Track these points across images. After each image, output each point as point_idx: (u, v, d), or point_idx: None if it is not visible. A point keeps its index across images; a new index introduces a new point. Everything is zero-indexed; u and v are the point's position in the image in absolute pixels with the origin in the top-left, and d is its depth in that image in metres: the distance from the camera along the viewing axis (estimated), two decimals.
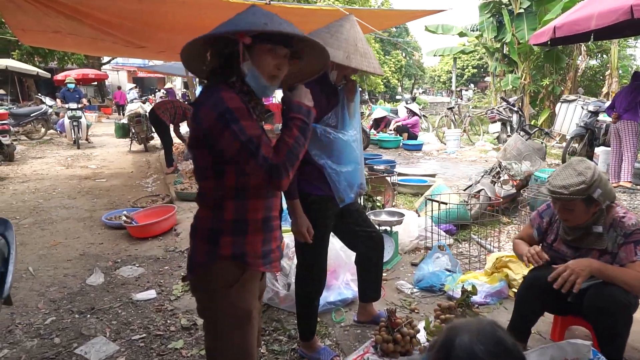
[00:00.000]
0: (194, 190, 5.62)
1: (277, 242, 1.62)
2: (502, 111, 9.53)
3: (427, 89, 64.43)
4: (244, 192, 1.48)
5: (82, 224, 5.11)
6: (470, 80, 55.50)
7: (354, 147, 2.20)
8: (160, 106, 7.49)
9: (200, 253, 1.52)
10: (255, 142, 1.36)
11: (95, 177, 7.79)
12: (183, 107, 7.70)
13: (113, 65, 35.59)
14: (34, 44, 6.88)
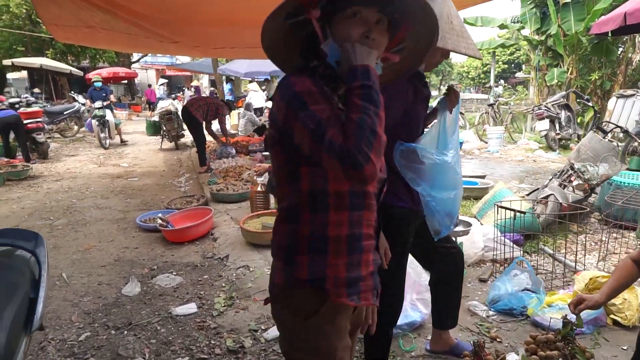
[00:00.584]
0: (230, 192, 5.34)
1: (369, 268, 1.27)
2: (551, 107, 8.94)
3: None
4: (322, 201, 1.16)
5: (116, 225, 4.89)
6: (500, 76, 54.15)
7: (456, 170, 1.84)
8: (193, 103, 7.26)
9: (279, 273, 1.23)
10: (323, 125, 1.04)
11: (128, 175, 7.63)
12: (216, 104, 7.45)
13: (142, 63, 36.09)
14: (67, 41, 6.74)
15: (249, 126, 10.67)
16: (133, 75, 24.40)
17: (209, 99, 7.64)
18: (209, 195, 5.65)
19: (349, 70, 1.09)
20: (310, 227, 1.17)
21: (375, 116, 1.04)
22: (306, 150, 1.08)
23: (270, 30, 1.20)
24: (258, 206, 4.69)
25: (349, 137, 1.02)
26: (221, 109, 7.48)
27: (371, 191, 1.24)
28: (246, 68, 15.66)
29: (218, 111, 7.41)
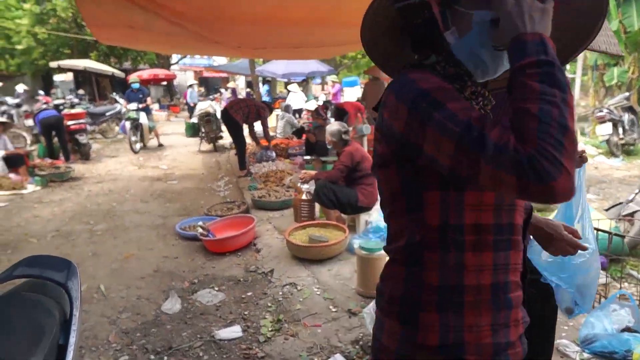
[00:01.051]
0: (272, 199, 5.08)
1: (519, 329, 0.94)
2: (613, 110, 8.26)
3: None
4: (456, 238, 0.87)
5: (155, 232, 4.72)
6: None
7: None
8: (233, 105, 7.07)
9: (389, 335, 0.94)
10: (475, 127, 0.75)
11: (167, 178, 7.53)
12: (257, 106, 7.25)
13: (181, 65, 36.70)
14: (108, 42, 6.69)
15: (287, 128, 10.45)
16: (172, 76, 24.74)
17: (249, 101, 7.44)
18: (249, 201, 5.42)
19: (514, 43, 0.77)
20: (440, 273, 0.88)
21: (563, 105, 0.70)
22: (445, 163, 0.78)
23: (373, 16, 0.91)
24: (303, 215, 4.40)
25: (528, 137, 0.70)
26: (262, 111, 7.27)
27: (519, 224, 0.93)
28: (284, 69, 15.51)
29: (260, 113, 7.21)
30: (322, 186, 3.97)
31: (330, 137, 4.14)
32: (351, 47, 7.40)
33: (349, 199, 4.03)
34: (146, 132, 10.16)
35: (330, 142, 4.18)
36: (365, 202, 4.09)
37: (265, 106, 7.48)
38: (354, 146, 4.11)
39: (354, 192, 4.07)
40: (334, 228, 3.93)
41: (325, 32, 5.09)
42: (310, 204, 4.39)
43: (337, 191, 4.01)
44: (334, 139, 4.13)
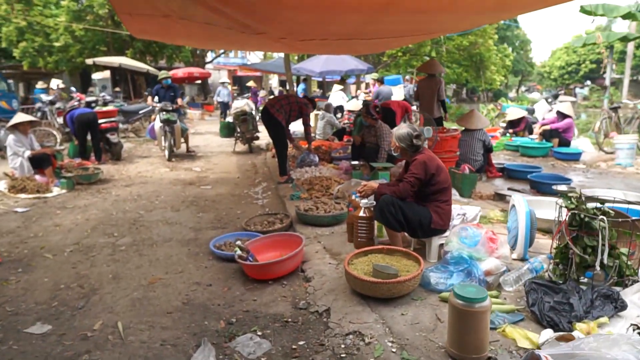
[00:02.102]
0: (320, 212, 4.35)
1: None
2: None
3: (530, 86, 59.09)
4: None
5: (187, 249, 4.08)
6: (587, 76, 49.57)
7: None
8: (274, 103, 6.36)
9: None
10: None
11: (200, 182, 6.94)
12: (299, 103, 6.53)
13: (215, 64, 36.74)
14: (142, 35, 6.12)
15: (327, 129, 9.74)
16: (207, 75, 24.46)
17: (291, 98, 6.71)
18: (293, 213, 4.71)
19: None
20: None
21: None
22: None
23: None
24: (360, 236, 3.65)
25: None
26: (305, 108, 6.54)
27: None
28: (321, 67, 14.82)
29: (302, 110, 6.49)
30: (387, 203, 3.22)
31: (398, 142, 3.38)
32: (410, 40, 6.62)
33: (421, 219, 3.27)
34: (178, 135, 8.95)
35: (398, 149, 3.42)
36: (439, 224, 3.32)
37: (308, 102, 6.73)
38: (427, 154, 3.33)
39: (426, 211, 3.30)
40: (402, 256, 3.17)
41: (385, 21, 4.35)
42: (370, 222, 3.63)
43: (406, 209, 3.25)
44: (402, 145, 3.37)
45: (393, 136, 3.43)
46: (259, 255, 3.69)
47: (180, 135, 9.04)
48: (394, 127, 3.61)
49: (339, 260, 3.51)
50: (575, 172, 7.25)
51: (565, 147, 8.67)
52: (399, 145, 3.39)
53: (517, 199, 3.45)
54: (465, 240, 3.09)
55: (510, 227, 3.52)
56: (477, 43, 16.35)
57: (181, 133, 9.08)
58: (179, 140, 9.02)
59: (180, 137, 9.06)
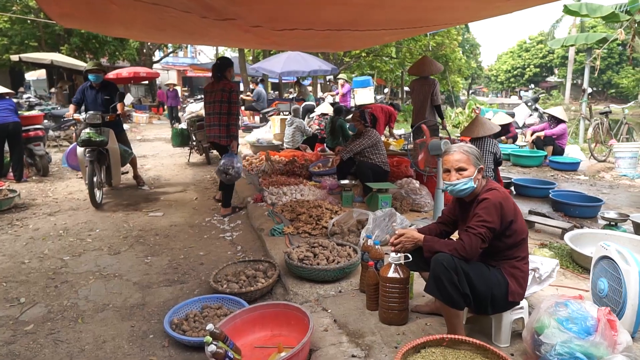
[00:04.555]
0: (321, 264, 3.12)
1: None
2: None
3: (477, 89, 60.72)
4: None
5: (129, 327, 2.76)
6: (532, 80, 51.40)
7: None
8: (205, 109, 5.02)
9: None
10: None
11: (148, 206, 5.54)
12: (226, 90, 4.82)
13: (163, 64, 34.54)
14: (65, 20, 4.62)
15: (297, 136, 8.54)
16: (154, 75, 22.51)
17: (215, 86, 4.95)
18: (278, 258, 3.49)
19: None
20: None
21: None
22: None
23: None
24: (390, 307, 2.50)
25: None
26: (235, 95, 4.83)
27: None
28: (282, 67, 13.64)
29: (231, 98, 4.80)
30: (448, 268, 2.08)
31: (466, 164, 2.23)
32: (406, 33, 5.56)
33: (493, 289, 2.16)
34: (116, 165, 5.66)
35: (463, 176, 2.25)
36: (518, 293, 2.23)
37: (236, 88, 4.99)
38: (501, 192, 2.22)
39: (499, 275, 2.19)
40: (474, 351, 2.04)
41: (389, 5, 3.28)
42: (405, 286, 2.49)
43: (474, 276, 2.13)
44: (472, 170, 2.23)
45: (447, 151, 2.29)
46: (241, 337, 2.46)
47: (120, 164, 5.81)
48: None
49: (363, 347, 2.34)
50: (582, 185, 6.48)
51: (559, 155, 7.95)
52: (466, 175, 2.24)
53: (615, 250, 2.42)
54: (570, 326, 2.01)
55: (602, 290, 2.48)
56: (444, 44, 15.69)
57: (122, 160, 5.85)
58: (117, 172, 5.75)
59: (120, 166, 5.82)
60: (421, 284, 2.82)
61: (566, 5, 9.48)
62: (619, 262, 2.36)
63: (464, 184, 2.21)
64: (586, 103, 10.56)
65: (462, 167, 2.23)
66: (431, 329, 2.49)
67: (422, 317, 2.62)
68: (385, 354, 2.26)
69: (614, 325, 2.01)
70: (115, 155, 5.63)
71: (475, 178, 2.23)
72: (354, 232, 3.77)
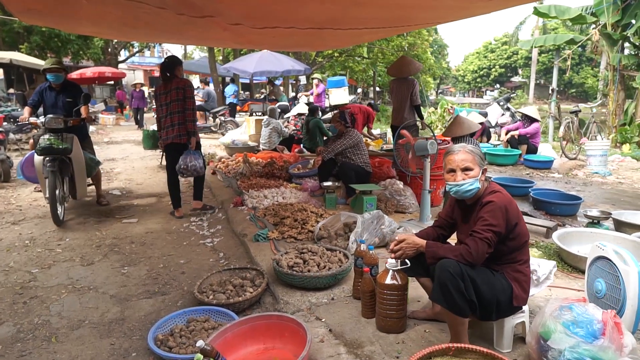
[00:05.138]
0: (313, 270, 3.00)
1: None
2: None
3: (444, 89, 61.95)
4: None
5: (108, 345, 2.56)
6: (497, 80, 52.85)
7: None
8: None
9: None
10: None
11: (121, 212, 5.29)
12: (179, 87, 4.72)
13: (129, 64, 33.59)
14: (27, 16, 4.27)
15: (274, 137, 8.38)
16: (120, 75, 21.86)
17: (170, 85, 4.81)
18: (264, 265, 3.36)
19: None
20: None
21: None
22: None
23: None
24: (388, 315, 2.41)
25: None
26: (189, 90, 4.76)
27: None
28: (254, 67, 13.44)
29: (186, 94, 4.71)
30: (454, 274, 1.99)
31: (472, 164, 2.16)
32: (387, 32, 5.50)
33: (499, 295, 2.10)
34: (80, 176, 5.00)
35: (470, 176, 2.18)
36: (522, 298, 2.18)
37: (190, 83, 4.89)
38: (504, 194, 2.16)
39: (503, 280, 2.14)
40: (478, 358, 1.97)
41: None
42: (403, 293, 2.40)
43: (480, 282, 2.06)
44: (477, 170, 2.16)
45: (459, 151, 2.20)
46: (233, 352, 2.32)
47: (86, 175, 5.17)
48: None
49: (363, 358, 2.24)
50: (557, 183, 6.60)
51: (533, 153, 8.10)
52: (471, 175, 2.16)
53: (613, 251, 2.40)
54: (577, 330, 1.97)
55: (600, 290, 2.46)
56: (416, 44, 15.83)
57: (88, 170, 5.19)
58: (82, 183, 5.08)
59: (86, 177, 5.18)
60: (414, 288, 2.75)
61: (536, 7, 9.70)
62: (617, 262, 2.34)
63: (470, 184, 2.14)
64: (555, 102, 10.82)
65: (469, 166, 2.16)
66: (431, 336, 2.41)
67: (420, 324, 2.54)
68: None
69: (620, 328, 1.98)
70: (80, 164, 4.95)
71: (480, 179, 2.16)
72: (342, 236, 3.67)
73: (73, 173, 4.90)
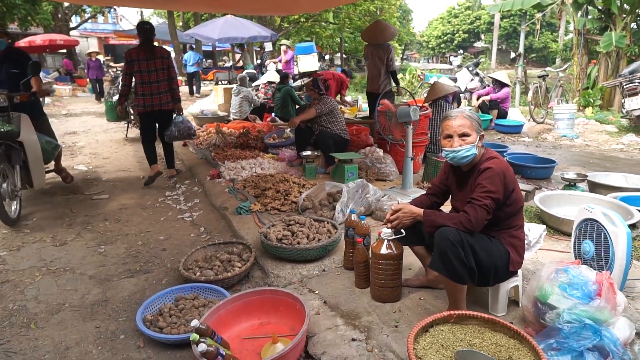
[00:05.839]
0: (302, 243, 2.93)
1: None
2: None
3: (409, 55, 61.94)
4: None
5: (94, 328, 2.45)
6: (460, 45, 53.20)
7: None
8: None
9: None
10: None
11: (91, 189, 5.04)
12: (159, 55, 4.95)
13: (81, 30, 31.64)
14: None
15: (245, 106, 8.15)
16: (73, 43, 20.55)
17: (151, 52, 4.93)
18: (250, 239, 3.27)
19: None
20: None
21: None
22: None
23: None
24: (384, 285, 2.39)
25: None
26: (170, 60, 5.01)
27: None
28: (219, 33, 12.92)
29: (169, 64, 4.98)
30: (454, 242, 1.97)
31: (469, 130, 2.10)
32: None
33: (497, 261, 2.10)
34: (36, 161, 4.17)
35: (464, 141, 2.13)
36: (518, 262, 2.20)
37: (170, 52, 5.21)
38: (501, 160, 2.13)
39: (499, 246, 2.14)
40: (481, 325, 1.98)
41: None
42: (399, 262, 2.39)
43: (479, 249, 2.05)
44: (474, 135, 2.11)
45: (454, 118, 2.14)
46: (228, 329, 2.26)
47: (43, 162, 4.36)
48: None
49: (362, 328, 2.22)
50: (528, 147, 6.74)
51: (503, 118, 8.22)
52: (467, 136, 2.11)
53: (601, 213, 2.45)
54: (573, 292, 2.01)
55: (587, 252, 2.52)
56: (384, 9, 15.58)
57: (46, 156, 4.42)
58: (39, 171, 4.25)
59: (43, 164, 4.38)
60: (405, 256, 2.74)
61: None
62: (606, 224, 2.39)
63: (467, 150, 2.10)
64: (522, 67, 10.96)
65: (466, 132, 2.11)
66: (426, 303, 2.42)
67: (414, 292, 2.54)
68: (387, 334, 2.16)
69: (614, 288, 2.03)
70: (34, 149, 4.11)
71: (477, 145, 2.13)
72: (326, 206, 3.62)
73: (26, 160, 4.04)
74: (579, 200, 3.54)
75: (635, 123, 7.44)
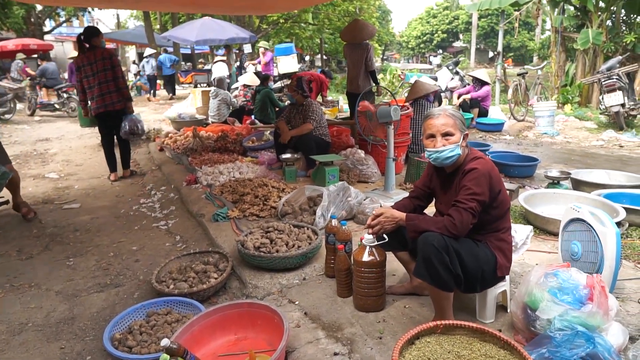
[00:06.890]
0: (281, 251, 2.79)
1: None
2: (622, 76, 7.13)
3: (389, 56, 62.28)
4: None
5: (58, 350, 2.28)
6: (439, 45, 53.67)
7: None
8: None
9: None
10: None
11: (61, 197, 4.82)
12: (104, 56, 4.89)
13: (56, 35, 30.88)
14: None
15: (223, 109, 7.98)
16: (47, 47, 19.99)
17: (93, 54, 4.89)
18: (227, 247, 3.13)
19: None
20: None
21: None
22: None
23: None
24: (367, 294, 2.28)
25: None
26: (115, 59, 5.00)
27: None
28: (196, 35, 12.73)
29: (114, 63, 4.91)
30: (438, 248, 1.87)
31: (454, 130, 2.01)
32: None
33: (483, 267, 2.01)
34: None
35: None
36: (506, 267, 2.11)
37: (114, 52, 5.19)
38: (486, 161, 2.04)
39: (486, 250, 2.04)
40: (470, 336, 1.88)
41: None
42: (381, 270, 2.28)
43: (465, 255, 1.95)
44: (459, 138, 2.01)
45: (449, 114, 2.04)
46: (202, 347, 2.12)
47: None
48: None
49: (344, 341, 2.10)
50: (510, 145, 6.73)
51: (484, 117, 8.22)
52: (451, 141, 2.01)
53: (589, 212, 2.37)
54: (564, 297, 1.92)
55: (575, 253, 2.45)
56: (363, 9, 15.54)
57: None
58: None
59: None
60: (389, 262, 2.63)
61: None
62: (595, 224, 2.32)
63: (451, 150, 2.00)
64: (501, 65, 11.02)
65: (449, 131, 2.01)
66: (412, 312, 2.31)
67: (399, 299, 2.43)
68: (370, 347, 2.04)
69: (605, 291, 1.95)
70: None
71: (461, 145, 2.03)
72: (307, 211, 3.49)
73: None
74: (564, 199, 3.49)
75: (614, 119, 7.49)
